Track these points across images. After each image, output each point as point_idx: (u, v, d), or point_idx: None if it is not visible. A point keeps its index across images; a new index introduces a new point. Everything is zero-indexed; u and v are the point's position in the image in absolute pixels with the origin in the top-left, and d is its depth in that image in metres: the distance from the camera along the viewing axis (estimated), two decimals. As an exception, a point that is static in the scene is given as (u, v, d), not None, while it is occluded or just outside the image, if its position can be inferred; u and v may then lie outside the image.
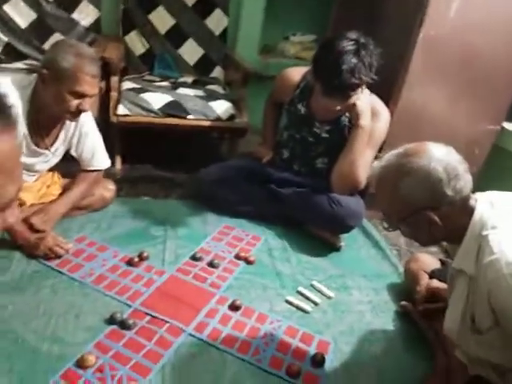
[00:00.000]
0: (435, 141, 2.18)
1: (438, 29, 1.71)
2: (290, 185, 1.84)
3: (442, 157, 0.96)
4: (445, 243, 1.18)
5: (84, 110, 1.39)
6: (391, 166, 1.00)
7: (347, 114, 1.69)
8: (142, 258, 1.51)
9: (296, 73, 1.82)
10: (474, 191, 1.01)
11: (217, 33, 2.56)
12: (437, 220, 0.96)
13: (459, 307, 1.00)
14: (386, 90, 1.77)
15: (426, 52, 1.75)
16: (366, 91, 1.62)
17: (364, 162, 1.65)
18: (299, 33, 2.96)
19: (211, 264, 1.54)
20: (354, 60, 1.47)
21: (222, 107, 2.13)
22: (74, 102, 1.35)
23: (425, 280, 1.41)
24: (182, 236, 1.70)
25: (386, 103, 1.72)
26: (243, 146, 2.30)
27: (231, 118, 2.16)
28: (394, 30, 1.85)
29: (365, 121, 1.61)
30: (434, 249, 1.92)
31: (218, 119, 2.12)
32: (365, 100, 1.60)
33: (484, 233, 0.93)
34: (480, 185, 1.98)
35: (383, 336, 1.36)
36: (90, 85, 1.34)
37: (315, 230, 1.80)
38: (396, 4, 1.89)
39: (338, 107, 1.58)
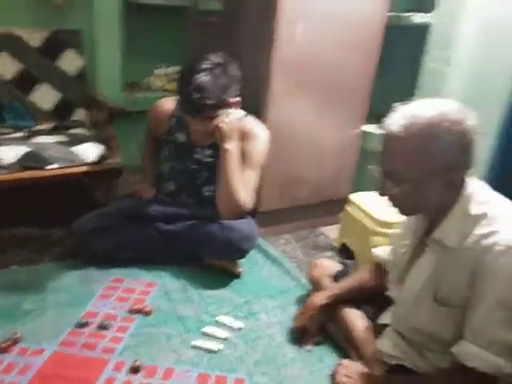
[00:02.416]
0: (305, 151, 2.24)
1: (289, 48, 1.79)
2: (178, 219, 1.74)
3: (471, 119, 0.90)
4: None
5: None
6: (424, 121, 0.89)
7: None
8: (13, 340, 1.26)
9: (169, 102, 1.78)
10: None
11: (72, 74, 2.38)
12: (457, 182, 0.91)
13: (423, 276, 1.00)
14: (253, 112, 1.77)
15: (283, 71, 1.81)
16: (238, 113, 1.61)
17: (244, 183, 1.62)
18: (163, 65, 2.92)
19: (101, 327, 1.35)
20: (205, 78, 1.49)
21: (88, 150, 1.95)
22: None
23: (325, 284, 1.43)
24: (63, 303, 1.47)
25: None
26: (121, 188, 2.14)
27: (102, 159, 1.99)
28: (251, 54, 1.90)
29: (228, 144, 1.59)
30: (329, 253, 1.98)
31: (86, 163, 1.94)
32: (233, 123, 1.58)
33: (472, 207, 0.93)
34: (356, 189, 2.12)
35: (297, 354, 1.32)
36: None
37: (212, 260, 1.72)
38: (248, 29, 1.94)
39: (197, 126, 1.59)
